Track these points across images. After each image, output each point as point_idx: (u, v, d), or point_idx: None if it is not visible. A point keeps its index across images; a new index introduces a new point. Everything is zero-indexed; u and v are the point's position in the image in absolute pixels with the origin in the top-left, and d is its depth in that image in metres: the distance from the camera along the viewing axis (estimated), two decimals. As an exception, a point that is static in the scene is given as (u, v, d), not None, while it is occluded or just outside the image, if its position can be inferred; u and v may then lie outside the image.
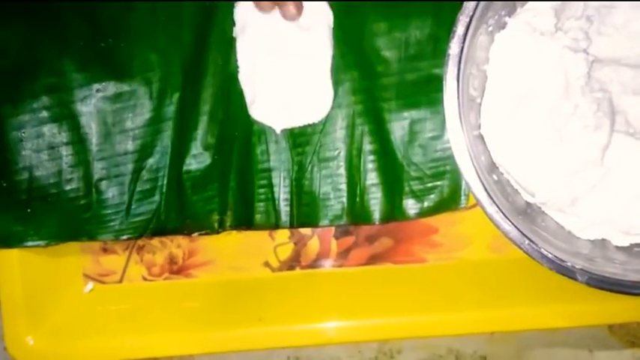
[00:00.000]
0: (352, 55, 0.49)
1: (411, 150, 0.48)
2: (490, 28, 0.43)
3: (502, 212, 0.41)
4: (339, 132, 0.49)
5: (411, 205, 0.48)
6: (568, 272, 0.40)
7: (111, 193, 0.50)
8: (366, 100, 0.49)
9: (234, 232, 0.50)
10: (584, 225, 0.44)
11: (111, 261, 0.51)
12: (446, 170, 0.48)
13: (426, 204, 0.48)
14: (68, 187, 0.50)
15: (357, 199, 0.49)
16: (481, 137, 0.44)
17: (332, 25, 0.48)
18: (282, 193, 0.49)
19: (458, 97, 0.41)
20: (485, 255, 0.48)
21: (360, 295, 0.48)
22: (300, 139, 0.49)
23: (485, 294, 0.47)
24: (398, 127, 0.49)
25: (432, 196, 0.48)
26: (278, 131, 0.49)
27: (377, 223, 0.48)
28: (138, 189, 0.50)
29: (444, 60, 0.42)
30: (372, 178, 0.49)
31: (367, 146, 0.49)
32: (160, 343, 0.48)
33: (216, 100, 0.49)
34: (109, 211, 0.50)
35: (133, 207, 0.50)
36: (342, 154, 0.49)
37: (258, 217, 0.49)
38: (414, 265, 0.50)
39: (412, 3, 0.48)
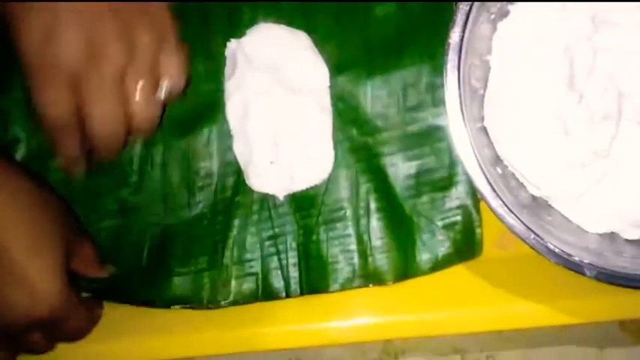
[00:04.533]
0: (349, 112, 0.48)
1: (419, 203, 0.47)
2: (492, 16, 0.42)
3: (506, 206, 0.40)
4: (342, 192, 0.47)
5: (424, 260, 0.46)
6: (576, 267, 0.40)
7: None
8: (368, 157, 0.47)
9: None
10: (593, 218, 0.42)
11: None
12: (457, 220, 0.46)
13: (440, 256, 0.46)
14: None
15: (368, 260, 0.47)
16: (484, 129, 0.43)
17: (329, 84, 0.47)
18: (290, 259, 0.47)
19: (459, 88, 0.41)
20: (491, 251, 0.47)
21: (362, 293, 0.47)
22: (303, 202, 0.48)
23: (491, 291, 0.46)
24: (403, 181, 0.47)
25: (446, 247, 0.46)
26: (281, 198, 0.47)
27: (391, 283, 0.46)
28: (121, 254, 0.48)
29: (444, 108, 0.41)
30: (381, 235, 0.47)
31: (373, 204, 0.47)
32: (157, 346, 0.47)
33: (208, 170, 0.48)
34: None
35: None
36: (348, 214, 0.47)
37: (263, 288, 0.47)
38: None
39: (406, 52, 0.47)
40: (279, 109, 0.47)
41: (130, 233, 0.49)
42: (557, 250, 0.39)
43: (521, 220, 0.40)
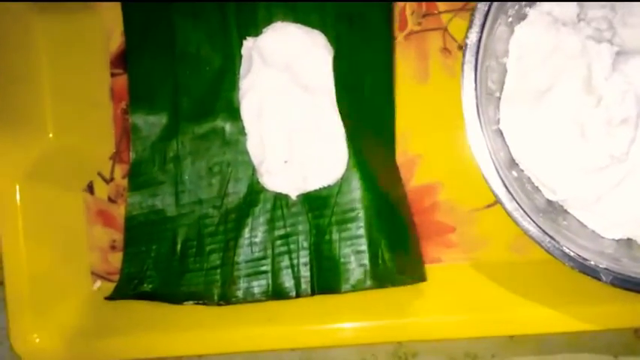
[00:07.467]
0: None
1: None
2: (510, 19, 0.42)
3: (522, 209, 0.40)
4: (355, 192, 0.47)
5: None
6: (592, 272, 0.39)
7: None
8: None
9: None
10: (609, 224, 0.42)
11: (119, 259, 0.50)
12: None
13: None
14: None
15: (380, 261, 0.46)
16: (500, 132, 0.43)
17: None
18: (302, 259, 0.47)
19: (476, 89, 0.40)
20: (505, 255, 0.46)
21: (373, 295, 0.46)
22: (316, 202, 0.47)
23: (504, 295, 0.46)
24: None
25: None
26: (294, 197, 0.47)
27: (405, 284, 0.46)
28: (129, 250, 0.49)
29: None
30: (394, 237, 0.47)
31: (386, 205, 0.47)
32: (167, 343, 0.47)
33: (221, 168, 0.48)
34: None
35: (123, 267, 0.49)
36: (361, 214, 0.47)
37: (274, 287, 0.47)
38: (429, 265, 0.48)
39: None
40: (293, 108, 0.47)
41: None
42: (572, 254, 0.39)
43: (536, 224, 0.39)
